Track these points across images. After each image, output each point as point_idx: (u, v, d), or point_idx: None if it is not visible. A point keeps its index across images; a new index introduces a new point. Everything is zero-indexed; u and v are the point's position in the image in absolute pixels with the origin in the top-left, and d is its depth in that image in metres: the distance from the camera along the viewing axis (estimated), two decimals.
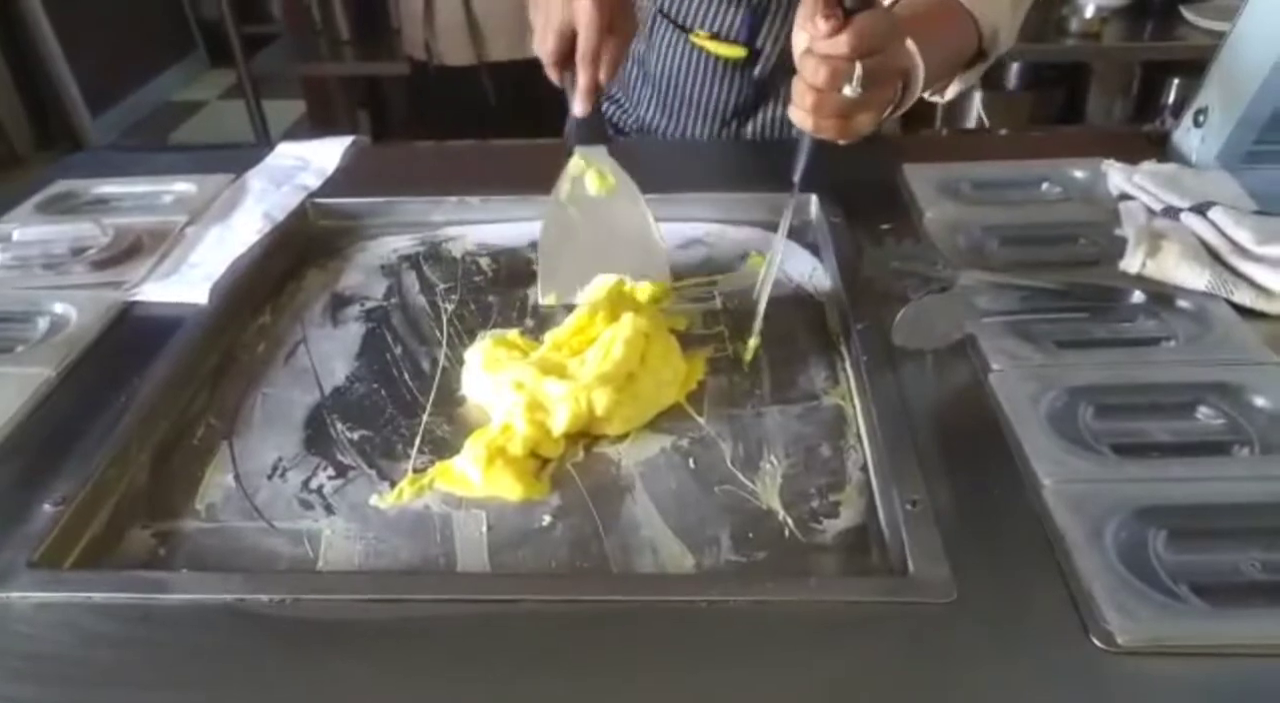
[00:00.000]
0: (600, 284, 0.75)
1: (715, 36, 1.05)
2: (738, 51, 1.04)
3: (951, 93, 0.88)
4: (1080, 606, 0.50)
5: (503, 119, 2.63)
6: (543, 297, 0.81)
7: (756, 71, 1.05)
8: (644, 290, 0.76)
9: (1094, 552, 0.53)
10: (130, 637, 0.51)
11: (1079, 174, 0.92)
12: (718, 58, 1.05)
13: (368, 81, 3.02)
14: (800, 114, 0.66)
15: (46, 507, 0.58)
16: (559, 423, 0.64)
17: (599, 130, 0.81)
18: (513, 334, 0.74)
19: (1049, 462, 0.59)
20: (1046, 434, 0.61)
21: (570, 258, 0.81)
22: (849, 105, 0.64)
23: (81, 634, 0.51)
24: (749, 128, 1.11)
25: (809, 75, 0.63)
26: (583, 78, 0.75)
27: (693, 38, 1.05)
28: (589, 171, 0.81)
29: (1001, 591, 0.52)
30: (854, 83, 0.62)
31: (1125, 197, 0.85)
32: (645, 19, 1.08)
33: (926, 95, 0.93)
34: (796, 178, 0.71)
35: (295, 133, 3.50)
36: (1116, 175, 0.88)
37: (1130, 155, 0.93)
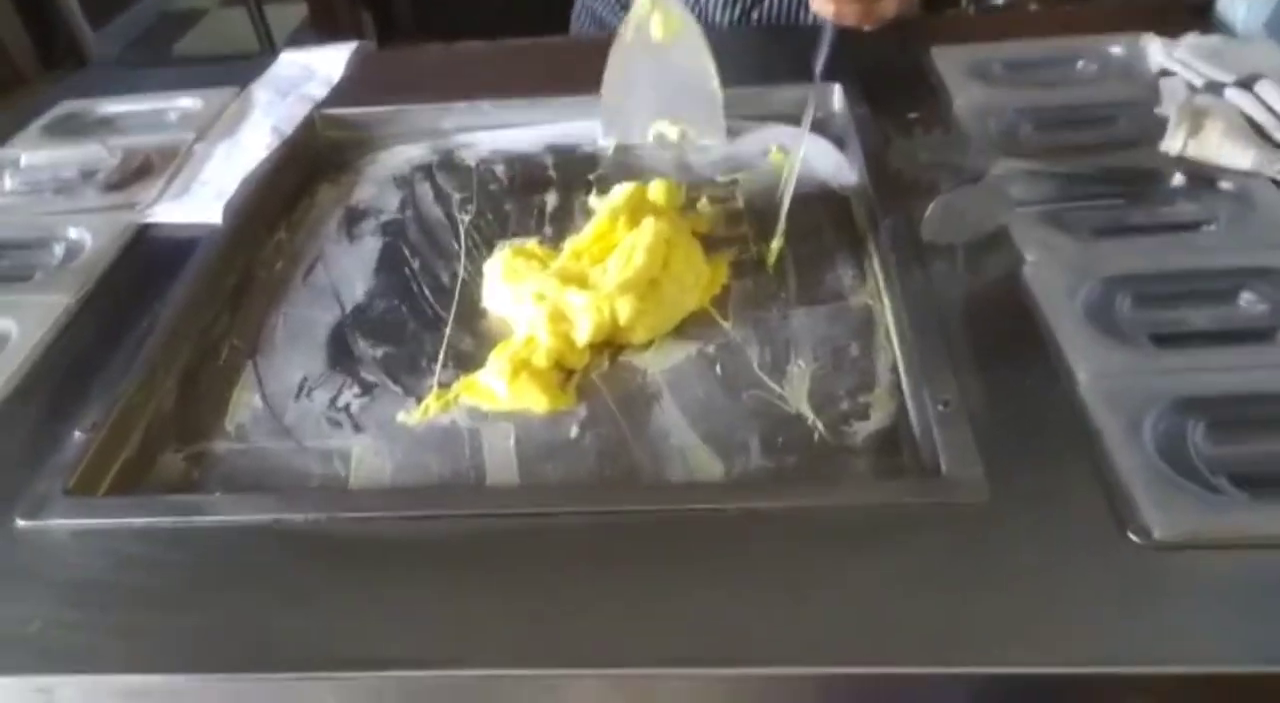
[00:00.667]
0: (625, 190, 0.72)
1: None
2: None
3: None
4: (1117, 501, 0.50)
5: (512, 16, 2.54)
6: (604, 137, 0.85)
7: None
8: (661, 190, 0.74)
9: (1131, 446, 0.52)
10: (168, 560, 0.52)
11: (1116, 50, 0.88)
12: None
13: None
14: (821, 1, 0.62)
15: (77, 434, 0.58)
16: (582, 333, 0.63)
17: None
18: (531, 243, 0.72)
19: (1085, 355, 0.57)
20: (1082, 327, 0.59)
21: (632, 101, 0.84)
22: None
23: (120, 559, 0.52)
24: (757, 12, 1.05)
25: None
26: None
27: None
28: (654, 14, 0.80)
29: (1036, 489, 0.51)
30: None
31: (1165, 73, 0.81)
32: None
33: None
34: (818, 68, 0.68)
35: (299, 38, 3.41)
36: (1156, 50, 0.83)
37: (1171, 28, 0.88)
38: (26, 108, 0.97)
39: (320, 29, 3.13)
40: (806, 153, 0.79)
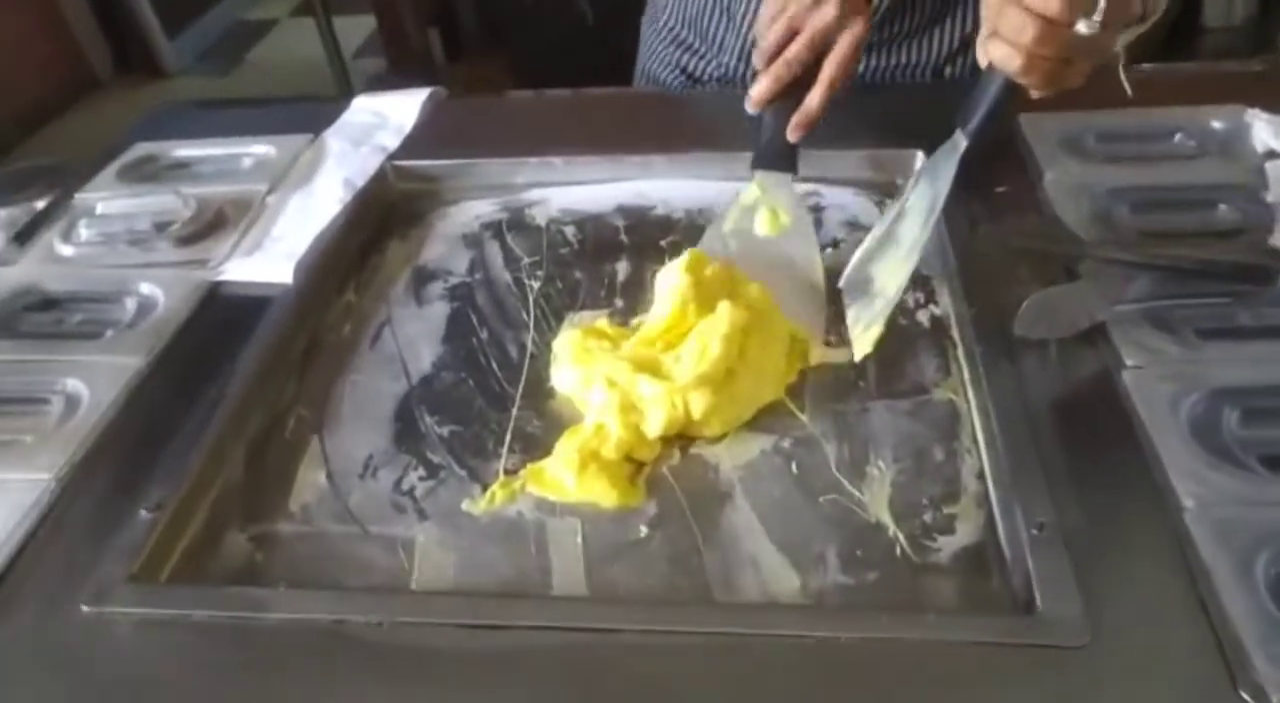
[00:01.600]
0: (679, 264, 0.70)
1: None
2: None
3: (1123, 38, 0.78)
4: (1228, 652, 0.46)
5: (579, 35, 2.53)
6: None
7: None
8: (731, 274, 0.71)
9: (1244, 589, 0.48)
10: (228, 660, 0.51)
11: (1217, 124, 0.83)
12: None
13: None
14: (1005, 50, 0.55)
15: (143, 513, 0.58)
16: (654, 426, 0.61)
17: (788, 154, 0.74)
18: (602, 320, 0.70)
19: (1191, 479, 0.54)
20: (1187, 444, 0.56)
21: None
22: (1078, 44, 0.53)
23: (181, 655, 0.51)
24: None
25: (1039, 2, 0.52)
26: (820, 95, 0.68)
27: None
28: (762, 205, 0.75)
29: (1139, 633, 0.48)
30: (1096, 13, 0.51)
31: (1273, 154, 0.77)
32: None
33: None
34: (971, 128, 0.61)
35: (366, 51, 3.45)
36: (1263, 128, 0.79)
37: (1273, 94, 0.84)
38: (100, 121, 0.99)
39: (388, 44, 3.16)
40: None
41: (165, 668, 0.51)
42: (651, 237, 0.82)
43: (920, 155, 0.84)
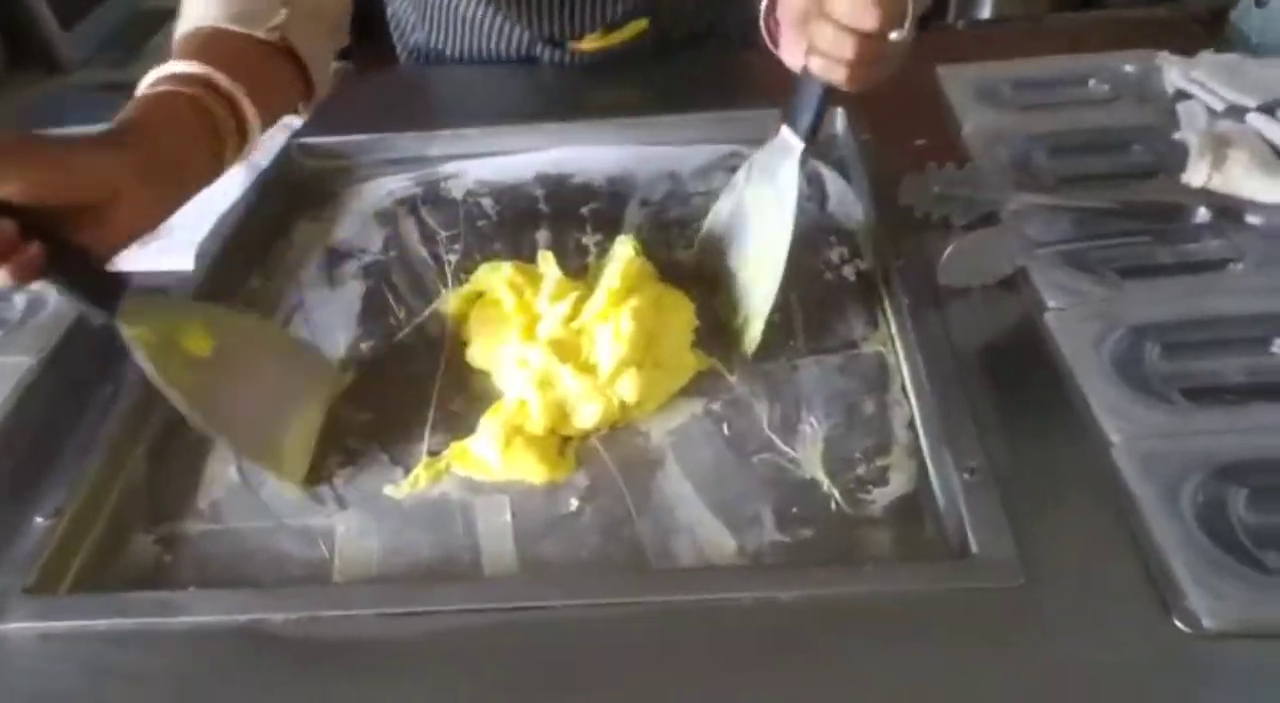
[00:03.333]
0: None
1: (610, 29, 0.94)
2: (639, 27, 0.94)
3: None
4: (1160, 583, 0.46)
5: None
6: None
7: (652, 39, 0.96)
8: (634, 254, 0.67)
9: (1171, 519, 0.48)
10: (139, 668, 0.48)
11: (1129, 68, 0.84)
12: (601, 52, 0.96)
13: None
14: (824, 63, 0.55)
15: (39, 520, 0.54)
16: (585, 420, 0.59)
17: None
18: (506, 269, 0.67)
19: (1116, 415, 0.54)
20: (1111, 381, 0.56)
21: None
22: (893, 50, 0.54)
23: (88, 667, 0.48)
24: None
25: (853, 18, 0.52)
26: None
27: (583, 44, 0.95)
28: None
29: (1072, 569, 0.48)
30: (907, 21, 0.52)
31: (1183, 95, 0.78)
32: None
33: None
34: (804, 132, 0.61)
35: None
36: (1172, 70, 0.80)
37: (1183, 41, 0.85)
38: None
39: None
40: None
41: (71, 683, 0.48)
42: (572, 205, 0.80)
43: (840, 111, 0.83)
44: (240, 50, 0.60)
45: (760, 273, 0.64)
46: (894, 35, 0.52)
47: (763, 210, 0.65)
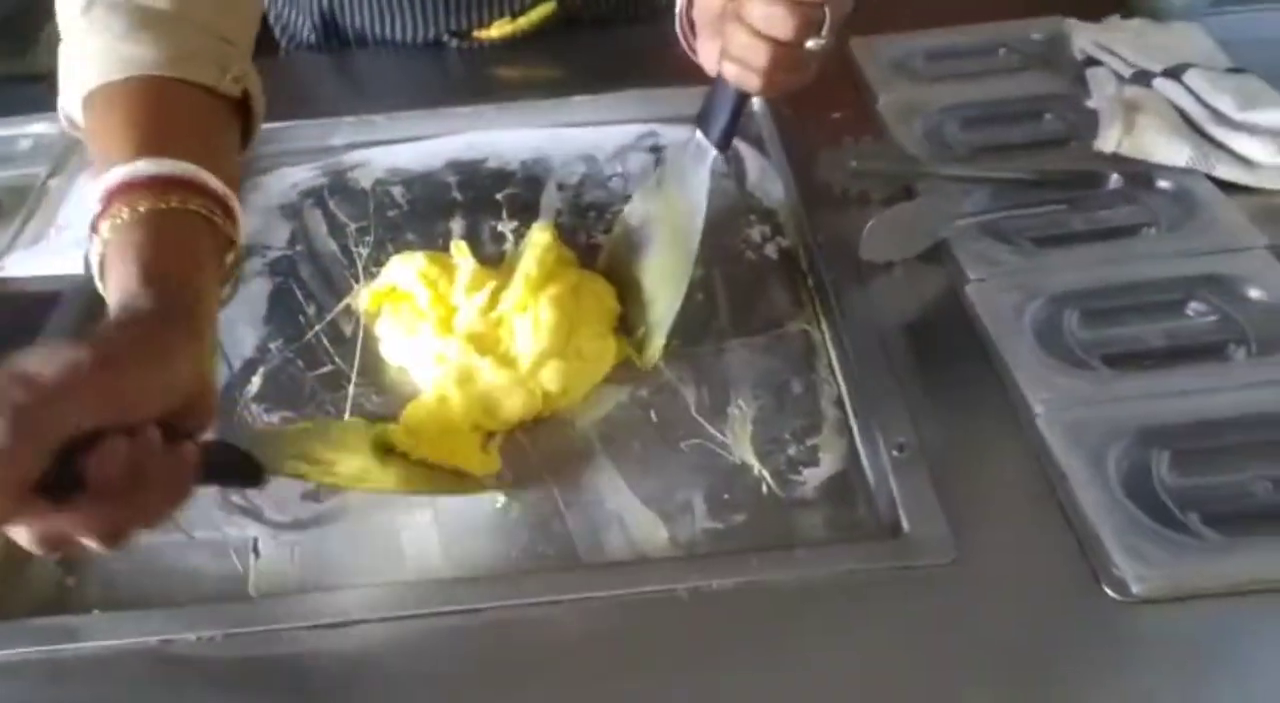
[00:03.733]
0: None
1: (517, 14, 0.91)
2: (547, 10, 0.91)
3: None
4: (1089, 552, 0.47)
5: None
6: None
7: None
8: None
9: (1097, 487, 0.49)
10: (44, 698, 0.45)
11: (1038, 36, 0.85)
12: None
13: None
14: (738, 70, 0.53)
15: None
16: (510, 415, 0.57)
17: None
18: (419, 260, 0.64)
19: (1039, 385, 0.54)
20: (1033, 351, 0.56)
21: None
22: (809, 58, 0.52)
23: None
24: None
25: (768, 25, 0.50)
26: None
27: (491, 32, 0.92)
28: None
29: (1003, 542, 0.48)
30: (824, 32, 0.50)
31: (1091, 61, 0.78)
32: None
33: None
34: (717, 139, 0.59)
35: None
36: (1080, 37, 0.80)
37: (1090, 6, 0.86)
38: None
39: None
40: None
41: None
42: (486, 191, 0.77)
43: None
44: (200, 119, 0.50)
45: (663, 284, 0.62)
46: (811, 44, 0.50)
47: (672, 217, 0.63)
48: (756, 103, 0.82)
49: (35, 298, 0.67)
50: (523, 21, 0.92)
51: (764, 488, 0.54)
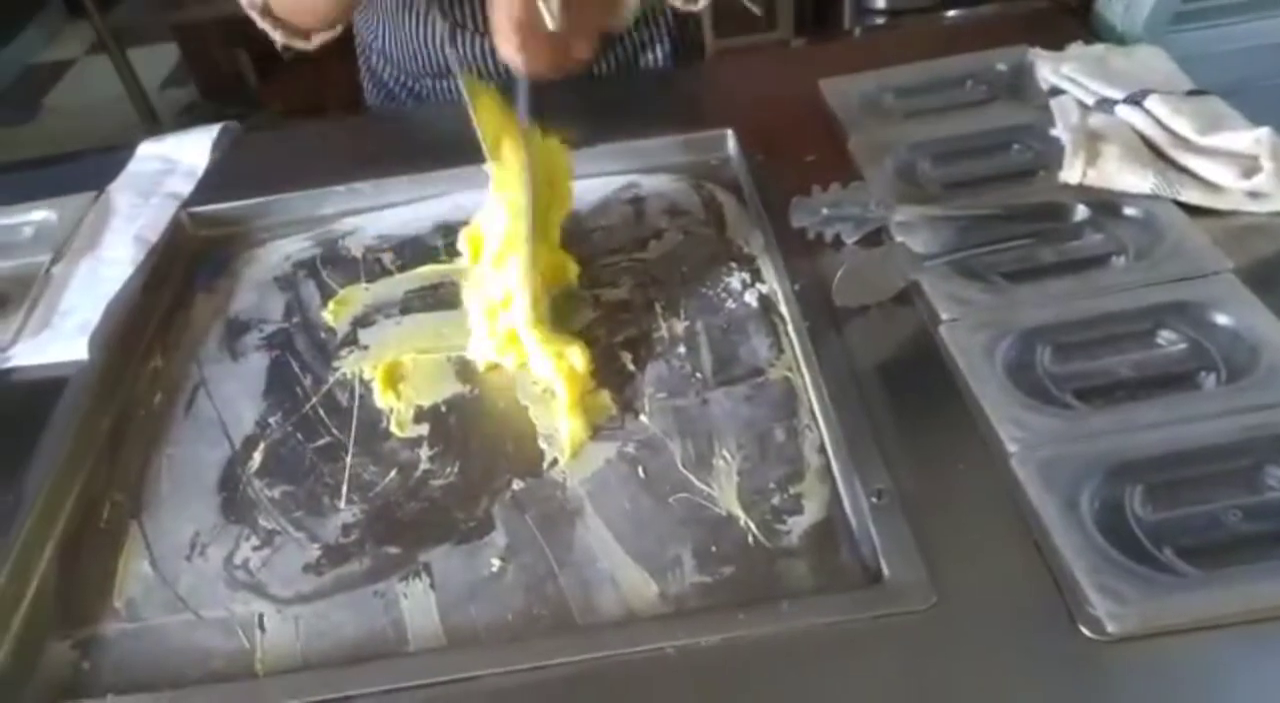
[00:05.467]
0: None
1: None
2: None
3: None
4: (1065, 591, 0.48)
5: None
6: None
7: None
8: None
9: (1071, 526, 0.50)
10: None
11: (1002, 67, 0.86)
12: None
13: (244, 18, 2.81)
14: (508, 51, 0.60)
15: None
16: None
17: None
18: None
19: (1012, 424, 0.55)
20: (1006, 390, 0.58)
21: None
22: (558, 37, 0.59)
23: None
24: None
25: (505, 7, 0.57)
26: None
27: None
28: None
29: (981, 585, 0.49)
30: (553, 13, 0.57)
31: (1055, 90, 0.80)
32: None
33: (679, 4, 0.88)
34: (522, 116, 0.66)
35: (175, 80, 3.27)
36: (1044, 66, 0.82)
37: (1054, 33, 0.87)
38: None
39: (195, 71, 3.00)
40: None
41: None
42: None
43: (730, 133, 0.84)
44: None
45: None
46: (548, 23, 0.57)
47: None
48: (731, 149, 0.84)
49: (42, 387, 0.69)
50: None
51: (750, 539, 0.55)
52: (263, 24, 0.85)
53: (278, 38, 0.86)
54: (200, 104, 3.01)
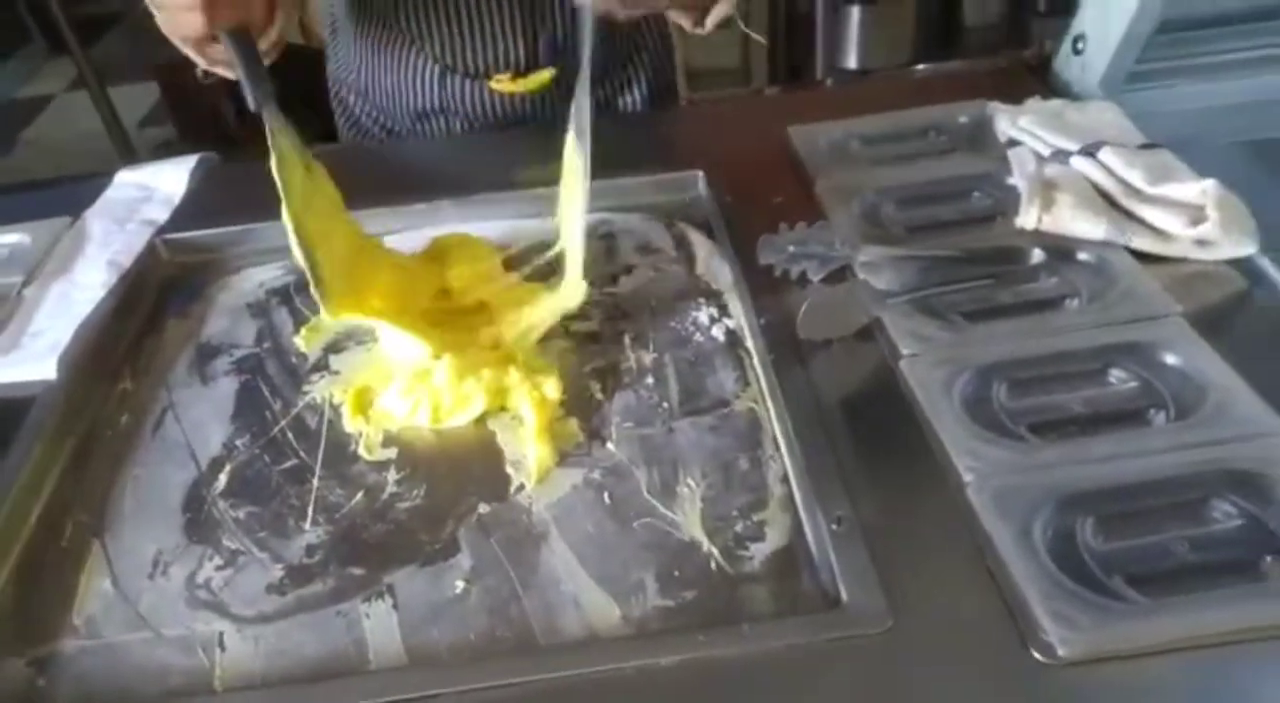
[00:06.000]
0: None
1: (519, 74, 0.99)
2: (544, 78, 0.99)
3: (713, 19, 0.90)
4: (1017, 616, 0.49)
5: None
6: None
7: (562, 88, 0.99)
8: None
9: (1024, 554, 0.51)
10: None
11: (964, 119, 0.90)
12: (515, 95, 1.01)
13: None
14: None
15: None
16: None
17: None
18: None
19: (968, 455, 0.57)
20: (963, 423, 0.59)
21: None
22: None
23: None
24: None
25: None
26: None
27: (492, 84, 0.99)
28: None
29: (937, 610, 0.50)
30: None
31: (1013, 142, 0.83)
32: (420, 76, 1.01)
33: (688, 27, 0.93)
34: (585, 62, 0.69)
35: (153, 119, 3.28)
36: (1002, 119, 0.85)
37: (1014, 88, 0.91)
38: None
39: (174, 109, 3.01)
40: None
41: None
42: None
43: (701, 175, 0.87)
44: None
45: (569, 224, 0.71)
46: None
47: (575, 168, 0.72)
48: (701, 189, 0.87)
49: (8, 405, 0.69)
50: (522, 83, 0.99)
51: (713, 564, 0.56)
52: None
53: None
54: (177, 143, 3.02)
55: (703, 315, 0.74)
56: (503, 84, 0.99)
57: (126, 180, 0.94)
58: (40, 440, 0.66)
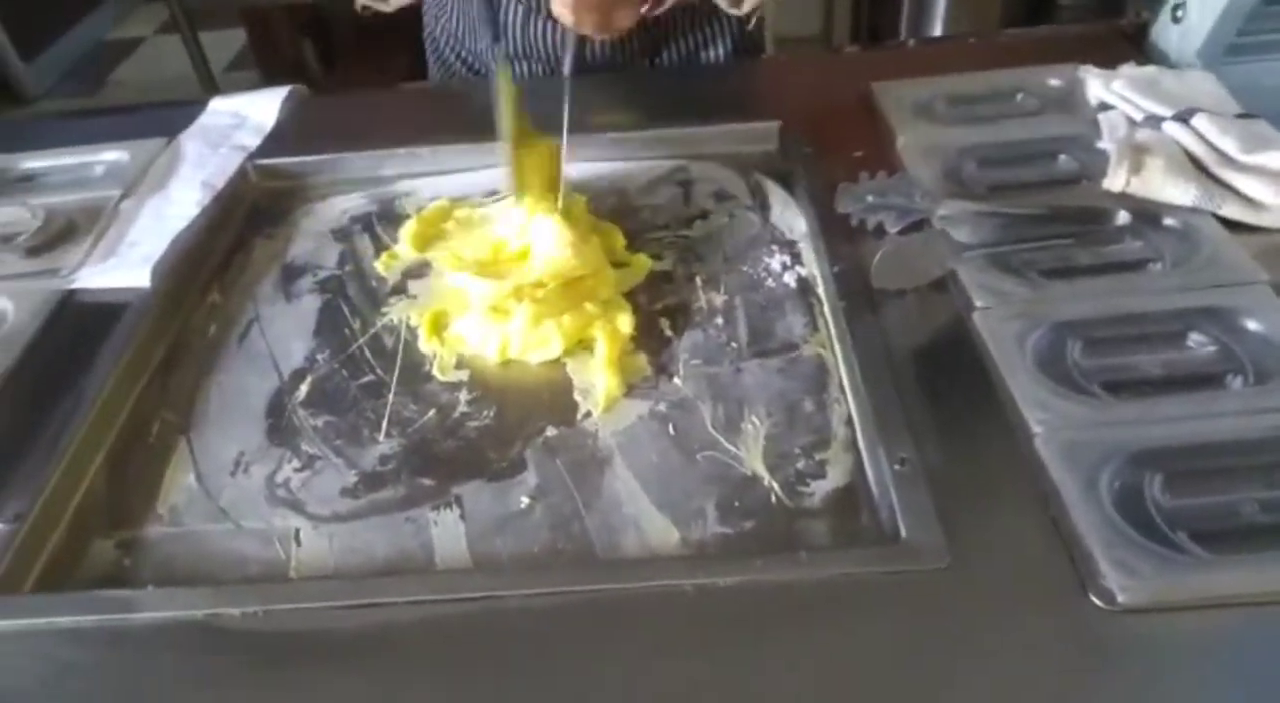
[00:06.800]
0: None
1: None
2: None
3: (748, 4, 0.89)
4: (1078, 563, 0.49)
5: None
6: None
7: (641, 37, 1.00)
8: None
9: (1090, 504, 0.51)
10: (100, 662, 0.49)
11: (1055, 82, 0.88)
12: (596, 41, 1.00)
13: (311, 6, 2.88)
14: (560, 7, 0.69)
15: (0, 525, 0.55)
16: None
17: None
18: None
19: (1039, 407, 0.57)
20: (1035, 376, 0.59)
21: None
22: (605, 2, 0.68)
23: (50, 663, 0.49)
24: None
25: None
26: None
27: None
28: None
29: (996, 552, 0.50)
30: None
31: (1104, 106, 0.82)
32: None
33: (724, 5, 0.91)
34: (566, 70, 0.74)
35: (238, 64, 3.35)
36: (1094, 83, 0.84)
37: (1107, 55, 0.89)
38: None
39: (260, 56, 3.08)
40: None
41: (31, 679, 0.49)
42: None
43: (779, 126, 0.87)
44: None
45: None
46: None
47: None
48: (780, 141, 0.86)
49: (104, 310, 0.72)
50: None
51: (773, 498, 0.57)
52: None
53: None
54: (262, 87, 3.09)
55: (775, 262, 0.75)
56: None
57: (220, 108, 0.97)
58: (133, 344, 0.69)
